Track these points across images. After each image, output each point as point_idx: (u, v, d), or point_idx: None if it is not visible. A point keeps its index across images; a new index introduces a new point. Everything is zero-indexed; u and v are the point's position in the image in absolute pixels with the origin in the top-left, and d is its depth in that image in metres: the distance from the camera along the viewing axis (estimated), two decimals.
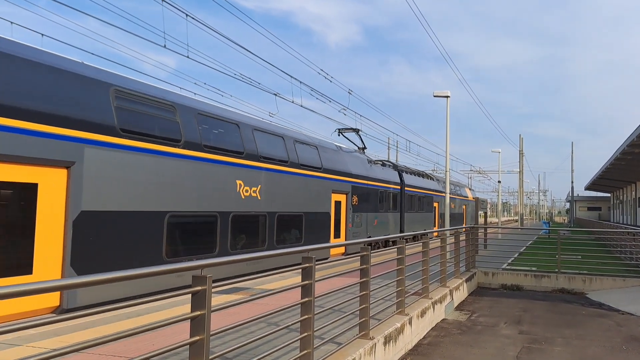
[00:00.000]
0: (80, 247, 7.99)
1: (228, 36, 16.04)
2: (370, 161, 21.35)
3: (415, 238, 25.67)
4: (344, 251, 17.91)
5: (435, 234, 26.61)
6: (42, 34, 12.46)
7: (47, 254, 7.62)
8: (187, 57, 15.57)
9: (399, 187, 23.77)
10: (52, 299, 8.05)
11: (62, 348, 2.65)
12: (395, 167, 25.39)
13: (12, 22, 12.23)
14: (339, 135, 22.20)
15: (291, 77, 19.75)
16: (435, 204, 30.64)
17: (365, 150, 22.34)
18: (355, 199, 18.25)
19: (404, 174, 25.12)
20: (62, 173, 7.85)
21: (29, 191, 7.33)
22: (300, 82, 20.25)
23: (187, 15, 14.30)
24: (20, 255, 7.30)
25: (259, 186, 12.71)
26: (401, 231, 23.99)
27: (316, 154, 16.15)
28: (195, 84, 34.27)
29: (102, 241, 8.36)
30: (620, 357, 7.64)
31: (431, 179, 31.06)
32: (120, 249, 8.72)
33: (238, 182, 11.87)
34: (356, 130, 22.09)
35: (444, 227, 28.94)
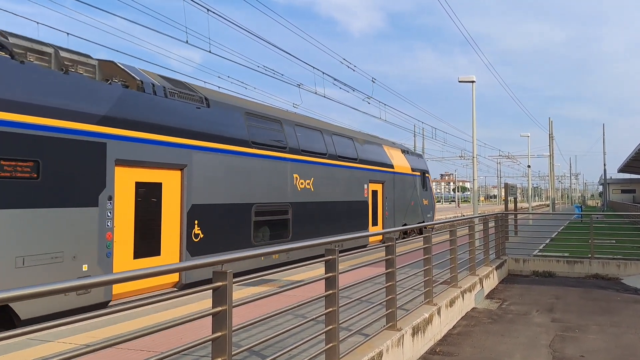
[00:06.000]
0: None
1: (250, 29, 15.98)
2: None
3: None
4: None
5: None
6: (68, 33, 12.65)
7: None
8: (209, 51, 15.65)
9: None
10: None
11: (94, 343, 2.68)
12: None
13: (37, 22, 12.47)
14: None
15: (313, 67, 19.69)
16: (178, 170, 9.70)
17: None
18: None
19: None
20: None
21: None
22: (323, 72, 20.17)
23: (208, 10, 14.35)
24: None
25: None
26: None
27: None
28: (219, 77, 34.48)
29: None
30: None
31: (171, 96, 10.02)
32: None
33: None
34: None
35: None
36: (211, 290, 3.22)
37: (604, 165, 68.63)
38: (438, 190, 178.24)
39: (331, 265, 4.76)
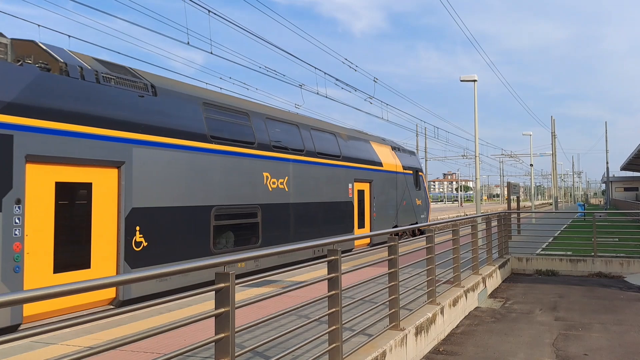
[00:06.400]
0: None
1: (252, 30, 15.96)
2: None
3: None
4: None
5: None
6: (69, 36, 12.69)
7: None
8: (211, 52, 15.67)
9: None
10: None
11: (97, 346, 2.69)
12: None
13: (39, 25, 12.49)
14: None
15: (315, 68, 19.71)
16: None
17: None
18: None
19: None
20: None
21: None
22: (325, 72, 20.20)
23: (209, 11, 14.37)
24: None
25: None
26: None
27: None
28: (220, 78, 34.51)
29: None
30: None
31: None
32: None
33: None
34: None
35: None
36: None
37: (607, 163, 68.41)
38: (441, 190, 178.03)
39: (334, 265, 4.76)
